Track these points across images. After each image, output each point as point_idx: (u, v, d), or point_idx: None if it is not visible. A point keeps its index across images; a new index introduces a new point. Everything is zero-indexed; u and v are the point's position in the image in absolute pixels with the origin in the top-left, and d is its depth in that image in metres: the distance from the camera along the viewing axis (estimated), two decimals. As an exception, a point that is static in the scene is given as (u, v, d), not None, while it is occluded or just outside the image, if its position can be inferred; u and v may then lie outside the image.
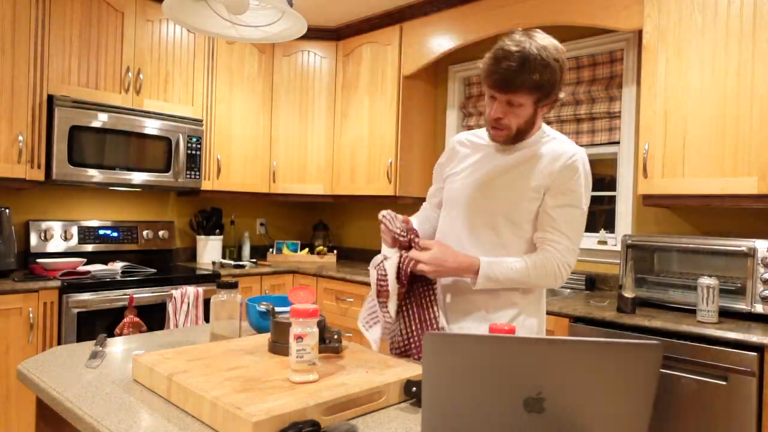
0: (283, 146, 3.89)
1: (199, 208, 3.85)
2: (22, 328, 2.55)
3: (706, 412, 1.94)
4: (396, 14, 3.52)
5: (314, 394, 0.97)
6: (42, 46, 2.84)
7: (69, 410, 1.02)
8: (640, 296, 2.38)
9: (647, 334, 2.09)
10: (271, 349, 1.24)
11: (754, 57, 2.14)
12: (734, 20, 2.19)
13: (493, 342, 0.78)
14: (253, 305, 1.59)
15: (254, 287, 3.44)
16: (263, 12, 1.63)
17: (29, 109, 2.80)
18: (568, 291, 2.90)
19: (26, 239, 3.07)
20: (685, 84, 2.31)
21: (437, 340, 0.79)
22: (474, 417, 0.79)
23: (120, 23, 3.12)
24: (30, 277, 2.71)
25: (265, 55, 3.84)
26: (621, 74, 2.87)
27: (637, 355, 0.76)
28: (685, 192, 2.30)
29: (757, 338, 1.85)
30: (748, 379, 1.86)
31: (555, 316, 2.33)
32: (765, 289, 2.08)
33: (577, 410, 0.77)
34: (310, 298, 1.17)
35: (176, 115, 3.28)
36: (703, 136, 2.26)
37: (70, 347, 1.42)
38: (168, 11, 1.53)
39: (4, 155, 2.72)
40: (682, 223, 2.65)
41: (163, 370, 1.07)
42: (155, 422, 0.95)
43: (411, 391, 1.08)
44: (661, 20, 2.38)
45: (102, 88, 3.05)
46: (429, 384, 0.80)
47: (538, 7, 2.81)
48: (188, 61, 3.41)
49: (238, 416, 0.87)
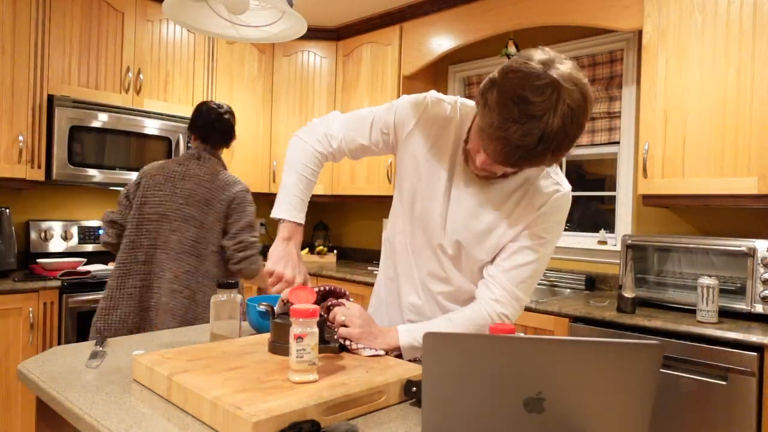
0: (283, 146, 3.89)
1: (199, 208, 3.85)
2: (22, 328, 2.55)
3: (706, 412, 1.94)
4: (396, 14, 3.52)
5: (314, 394, 0.97)
6: (42, 47, 2.84)
7: (69, 410, 1.02)
8: (640, 296, 2.38)
9: (647, 334, 2.09)
10: (271, 349, 1.24)
11: (754, 57, 2.14)
12: (734, 20, 2.19)
13: (493, 342, 0.78)
14: (253, 305, 1.59)
15: (254, 287, 3.44)
16: (263, 12, 1.63)
17: (29, 109, 2.80)
18: (568, 291, 2.91)
19: (26, 239, 3.07)
20: (685, 84, 2.31)
21: (437, 340, 0.79)
22: (474, 417, 0.79)
23: (120, 23, 3.12)
24: (30, 277, 2.71)
25: (265, 55, 3.84)
26: (621, 74, 2.87)
27: (637, 355, 0.76)
28: (685, 192, 2.30)
29: (756, 338, 1.85)
30: (747, 379, 1.86)
31: (555, 316, 2.33)
32: (765, 289, 2.08)
33: (577, 410, 0.77)
34: (310, 298, 1.17)
35: (176, 115, 3.28)
36: (702, 136, 2.26)
37: (70, 347, 1.42)
38: (168, 11, 1.53)
39: (4, 155, 2.72)
40: (682, 223, 2.65)
41: (163, 370, 1.07)
42: (155, 422, 0.95)
43: (411, 391, 1.08)
44: (661, 20, 2.38)
45: (102, 88, 3.05)
46: (429, 384, 0.80)
47: (538, 7, 2.81)
48: (188, 61, 3.41)
49: (238, 416, 0.87)
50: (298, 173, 1.35)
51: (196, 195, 2.06)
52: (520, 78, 0.99)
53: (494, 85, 1.03)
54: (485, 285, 1.28)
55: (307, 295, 1.17)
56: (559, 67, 0.99)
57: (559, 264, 3.05)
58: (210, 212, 2.06)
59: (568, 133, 1.00)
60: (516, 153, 1.02)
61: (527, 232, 1.24)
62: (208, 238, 2.06)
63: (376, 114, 1.36)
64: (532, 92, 0.97)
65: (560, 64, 1.00)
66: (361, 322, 1.25)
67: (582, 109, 1.00)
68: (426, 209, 1.31)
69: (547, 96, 0.97)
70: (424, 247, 1.33)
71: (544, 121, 0.97)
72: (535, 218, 1.24)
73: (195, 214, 2.04)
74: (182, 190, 2.05)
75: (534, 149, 1.00)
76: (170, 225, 2.03)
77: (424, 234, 1.32)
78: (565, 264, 3.03)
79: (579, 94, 0.99)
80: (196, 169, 2.10)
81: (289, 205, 1.33)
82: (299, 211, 1.34)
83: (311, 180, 1.37)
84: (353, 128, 1.37)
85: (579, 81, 1.00)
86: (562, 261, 3.04)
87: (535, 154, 1.01)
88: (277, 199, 1.35)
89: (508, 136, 1.00)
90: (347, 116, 1.40)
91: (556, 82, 0.97)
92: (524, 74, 0.99)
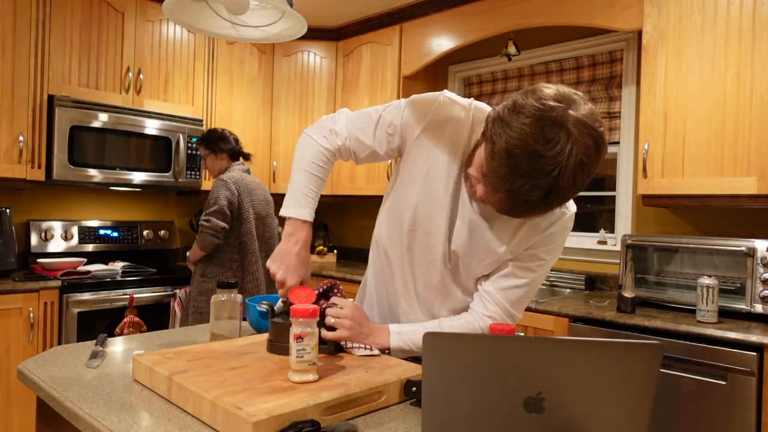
0: (283, 146, 3.90)
1: (199, 207, 3.85)
2: (22, 328, 2.55)
3: (706, 411, 1.94)
4: (396, 14, 3.52)
5: (314, 394, 0.97)
6: (42, 47, 2.84)
7: (69, 410, 1.02)
8: (640, 296, 2.38)
9: (647, 334, 2.09)
10: (269, 349, 1.24)
11: (754, 57, 2.14)
12: (734, 20, 2.19)
13: (493, 342, 0.78)
14: (253, 305, 1.59)
15: (254, 287, 3.44)
16: (263, 12, 1.63)
17: (30, 110, 2.80)
18: (568, 291, 2.91)
19: (27, 239, 3.07)
20: (684, 84, 2.32)
21: (437, 340, 0.79)
22: (474, 417, 0.79)
23: (120, 23, 3.12)
24: (30, 277, 2.71)
25: (265, 55, 3.84)
26: (621, 74, 2.87)
27: (637, 355, 0.76)
28: (685, 192, 2.30)
29: (756, 338, 1.85)
30: (747, 378, 1.86)
31: (555, 316, 2.33)
32: (764, 289, 2.08)
33: (577, 410, 0.78)
34: (311, 298, 1.17)
35: (176, 115, 3.28)
36: (702, 136, 2.27)
37: (70, 347, 1.42)
38: (168, 11, 1.53)
39: (4, 155, 2.72)
40: (682, 223, 2.65)
41: (163, 370, 1.07)
42: (155, 422, 0.95)
43: (411, 391, 1.08)
44: (661, 20, 2.38)
45: (102, 88, 3.05)
46: (429, 384, 0.80)
47: (538, 7, 2.82)
48: (188, 62, 3.41)
49: (238, 416, 0.87)
50: (305, 170, 1.31)
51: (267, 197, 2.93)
52: (531, 125, 0.90)
53: (503, 125, 0.94)
54: (480, 299, 1.26)
55: (307, 295, 1.17)
56: (573, 114, 0.91)
57: (559, 264, 3.05)
58: None
59: (577, 184, 0.94)
60: (521, 207, 0.97)
61: (529, 252, 1.21)
62: None
63: (383, 113, 1.28)
64: (545, 145, 0.89)
65: (576, 108, 0.92)
66: (350, 324, 1.23)
67: (594, 159, 0.93)
68: (429, 218, 1.25)
69: (559, 150, 0.89)
70: (422, 259, 1.28)
71: (554, 176, 0.90)
72: (540, 239, 1.20)
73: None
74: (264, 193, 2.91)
75: (540, 203, 0.95)
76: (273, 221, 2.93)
77: (425, 244, 1.27)
78: (565, 264, 3.03)
79: (593, 144, 0.92)
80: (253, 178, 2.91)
81: (294, 202, 1.29)
82: (303, 208, 1.28)
83: (318, 177, 1.31)
84: (358, 126, 1.31)
85: (595, 130, 0.92)
86: (562, 261, 3.04)
87: (541, 207, 0.97)
88: (285, 198, 1.34)
89: (515, 189, 0.94)
90: (354, 113, 1.35)
91: (570, 134, 0.90)
92: (536, 120, 0.91)
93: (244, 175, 2.81)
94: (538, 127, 0.90)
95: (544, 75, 3.18)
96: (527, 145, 0.90)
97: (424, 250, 1.28)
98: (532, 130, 0.90)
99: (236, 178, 2.75)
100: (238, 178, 2.76)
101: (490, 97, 3.41)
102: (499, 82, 3.39)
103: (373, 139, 1.29)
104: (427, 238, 1.26)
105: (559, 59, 3.10)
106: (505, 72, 3.36)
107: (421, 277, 1.31)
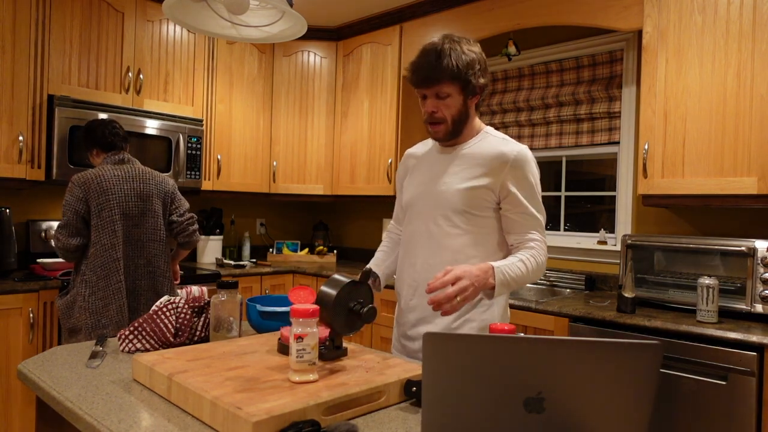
0: (283, 146, 3.90)
1: (199, 208, 3.85)
2: (22, 328, 2.55)
3: (706, 411, 1.94)
4: (396, 14, 3.52)
5: (314, 394, 0.97)
6: (42, 46, 2.84)
7: (69, 410, 1.02)
8: (640, 296, 2.38)
9: (647, 334, 2.09)
10: (280, 350, 1.24)
11: (754, 57, 2.14)
12: (734, 20, 2.19)
13: (493, 342, 0.78)
14: (253, 305, 1.59)
15: (254, 287, 3.44)
16: (263, 12, 1.63)
17: (29, 109, 2.80)
18: (568, 291, 2.91)
19: (26, 239, 3.07)
20: (684, 84, 2.32)
21: (437, 340, 0.79)
22: (474, 417, 0.79)
23: (120, 23, 3.12)
24: (30, 277, 2.71)
25: (265, 55, 3.84)
26: (621, 74, 2.87)
27: (637, 355, 0.76)
28: (685, 192, 2.30)
29: (756, 338, 1.85)
30: (747, 378, 1.86)
31: (555, 316, 2.33)
32: (765, 289, 2.08)
33: (577, 410, 0.78)
34: (311, 298, 1.17)
35: (176, 115, 3.28)
36: (702, 136, 2.27)
37: (70, 347, 1.42)
38: (168, 11, 1.53)
39: (4, 155, 2.72)
40: (682, 223, 2.65)
41: (163, 370, 1.07)
42: (155, 422, 0.95)
43: (411, 391, 1.08)
44: (661, 20, 2.38)
45: (102, 88, 3.05)
46: (429, 384, 0.80)
47: (538, 7, 2.82)
48: (188, 61, 3.41)
49: (238, 416, 0.87)
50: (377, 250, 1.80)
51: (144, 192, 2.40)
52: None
53: None
54: (522, 241, 1.52)
55: (307, 295, 1.17)
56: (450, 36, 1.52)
57: (559, 264, 3.05)
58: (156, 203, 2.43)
59: (456, 49, 1.46)
60: (428, 72, 1.46)
61: (512, 187, 1.48)
62: None
63: None
64: (428, 44, 1.51)
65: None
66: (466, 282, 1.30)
67: (465, 41, 1.50)
68: (417, 191, 1.63)
69: (437, 41, 1.49)
70: (419, 230, 1.60)
71: (434, 44, 1.48)
72: (509, 171, 1.48)
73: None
74: (132, 189, 2.36)
75: (438, 62, 1.45)
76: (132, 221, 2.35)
77: (418, 210, 1.60)
78: (565, 264, 3.03)
79: (462, 39, 1.51)
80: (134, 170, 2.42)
81: None
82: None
83: (382, 250, 1.78)
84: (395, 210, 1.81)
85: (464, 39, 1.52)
86: (562, 261, 3.04)
87: (440, 64, 1.45)
88: None
89: (420, 67, 1.48)
90: None
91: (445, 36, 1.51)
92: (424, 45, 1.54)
93: (104, 170, 2.30)
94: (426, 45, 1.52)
95: (544, 75, 3.18)
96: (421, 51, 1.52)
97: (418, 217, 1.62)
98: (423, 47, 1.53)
99: (87, 177, 2.26)
100: (91, 176, 2.26)
101: (489, 97, 3.41)
102: (499, 82, 3.39)
103: (399, 204, 1.77)
104: (418, 203, 1.63)
105: (559, 59, 3.10)
106: (505, 72, 3.35)
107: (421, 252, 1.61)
